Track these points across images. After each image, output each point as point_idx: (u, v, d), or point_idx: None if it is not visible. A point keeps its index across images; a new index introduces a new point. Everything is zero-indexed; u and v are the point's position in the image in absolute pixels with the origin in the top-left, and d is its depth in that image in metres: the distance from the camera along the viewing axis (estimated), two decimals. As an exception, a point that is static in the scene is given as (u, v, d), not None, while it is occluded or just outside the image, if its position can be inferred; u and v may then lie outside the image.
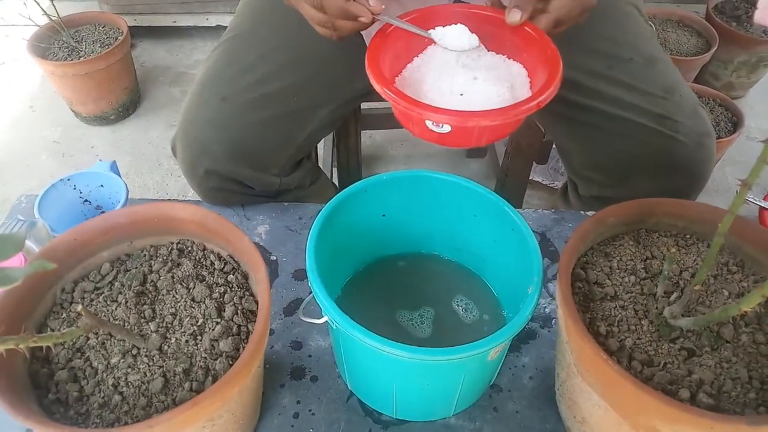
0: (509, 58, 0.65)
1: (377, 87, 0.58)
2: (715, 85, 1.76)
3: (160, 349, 0.53)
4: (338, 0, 0.61)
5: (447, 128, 0.56)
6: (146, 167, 1.66)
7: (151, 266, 0.60)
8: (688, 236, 0.62)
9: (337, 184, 1.28)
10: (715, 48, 1.66)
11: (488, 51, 0.65)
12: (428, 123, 0.57)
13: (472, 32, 0.64)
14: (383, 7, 0.61)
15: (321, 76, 0.85)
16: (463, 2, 0.69)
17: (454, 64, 0.63)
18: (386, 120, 1.45)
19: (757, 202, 0.81)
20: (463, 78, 0.61)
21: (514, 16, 0.61)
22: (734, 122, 1.53)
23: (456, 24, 0.64)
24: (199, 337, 0.53)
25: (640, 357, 0.51)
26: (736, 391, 0.49)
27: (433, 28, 0.64)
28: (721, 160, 1.60)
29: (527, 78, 0.63)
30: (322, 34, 0.66)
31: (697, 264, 0.59)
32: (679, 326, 0.52)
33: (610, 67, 0.83)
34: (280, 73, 0.83)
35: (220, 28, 2.00)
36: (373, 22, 0.62)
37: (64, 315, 0.56)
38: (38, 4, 1.53)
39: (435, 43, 0.64)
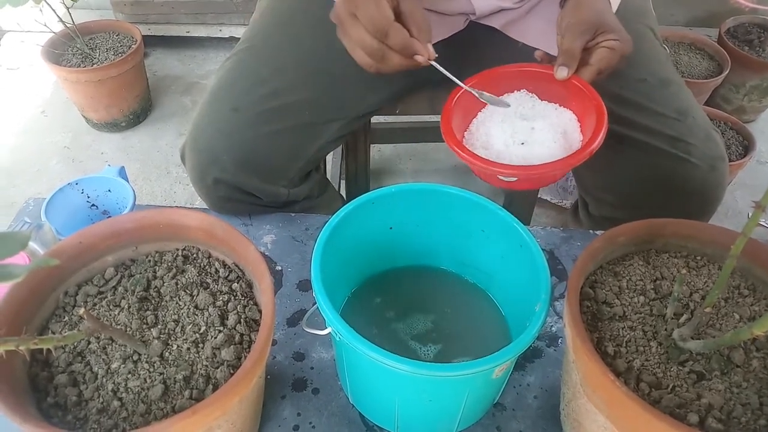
0: (561, 106, 0.73)
1: (458, 153, 0.67)
2: (727, 109, 1.76)
3: (161, 355, 0.52)
4: (405, 35, 0.63)
5: (514, 178, 0.67)
6: (155, 175, 1.67)
7: (155, 272, 0.59)
8: (698, 258, 0.61)
9: (344, 196, 1.28)
10: (727, 71, 1.66)
11: (541, 101, 0.74)
12: (499, 176, 0.67)
13: (530, 90, 0.75)
14: (437, 56, 0.66)
15: (332, 91, 0.85)
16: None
17: (513, 116, 0.72)
18: (395, 134, 1.46)
19: (769, 226, 0.80)
20: (522, 129, 0.70)
21: (562, 73, 0.69)
22: (745, 146, 1.52)
23: (521, 90, 0.75)
24: (200, 345, 0.53)
25: (648, 379, 0.50)
26: (746, 417, 0.48)
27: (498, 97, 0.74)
28: (732, 184, 1.59)
29: (577, 123, 0.72)
30: (362, 62, 0.66)
31: (707, 286, 0.58)
32: (688, 349, 0.51)
33: (623, 88, 0.82)
34: (292, 88, 0.83)
35: (233, 40, 2.01)
36: (426, 65, 0.66)
37: (66, 318, 0.55)
38: (54, 11, 1.55)
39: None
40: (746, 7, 0.39)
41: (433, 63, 0.67)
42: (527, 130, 0.70)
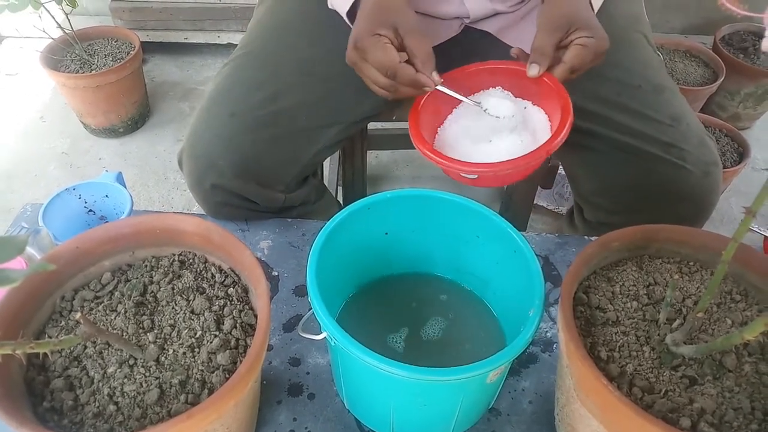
0: (533, 105, 0.74)
1: (420, 149, 0.70)
2: (722, 116, 1.77)
3: (157, 360, 0.52)
4: (410, 72, 0.69)
5: (474, 176, 0.69)
6: (152, 180, 1.67)
7: (151, 277, 0.59)
8: (691, 263, 0.61)
9: (341, 202, 1.28)
10: (722, 79, 1.67)
11: (516, 98, 0.74)
12: (461, 173, 0.69)
13: (504, 88, 0.75)
14: (442, 80, 0.71)
15: (330, 96, 0.86)
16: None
17: (485, 114, 0.73)
18: (393, 140, 1.46)
19: (762, 232, 0.80)
20: (491, 127, 0.72)
21: (533, 70, 0.69)
22: (740, 153, 1.53)
23: (496, 87, 0.75)
24: (196, 350, 0.53)
25: (640, 384, 0.50)
26: (738, 421, 0.48)
27: (474, 94, 0.75)
28: (727, 191, 1.60)
29: (548, 122, 0.72)
30: (379, 93, 0.72)
31: (700, 291, 0.58)
32: (681, 354, 0.52)
33: (618, 94, 0.83)
34: (289, 92, 0.84)
35: (231, 46, 2.02)
36: (433, 91, 0.71)
37: (63, 323, 0.56)
38: (53, 17, 1.55)
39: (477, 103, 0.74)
40: (738, 14, 0.40)
41: (439, 87, 0.71)
42: (496, 128, 0.71)
